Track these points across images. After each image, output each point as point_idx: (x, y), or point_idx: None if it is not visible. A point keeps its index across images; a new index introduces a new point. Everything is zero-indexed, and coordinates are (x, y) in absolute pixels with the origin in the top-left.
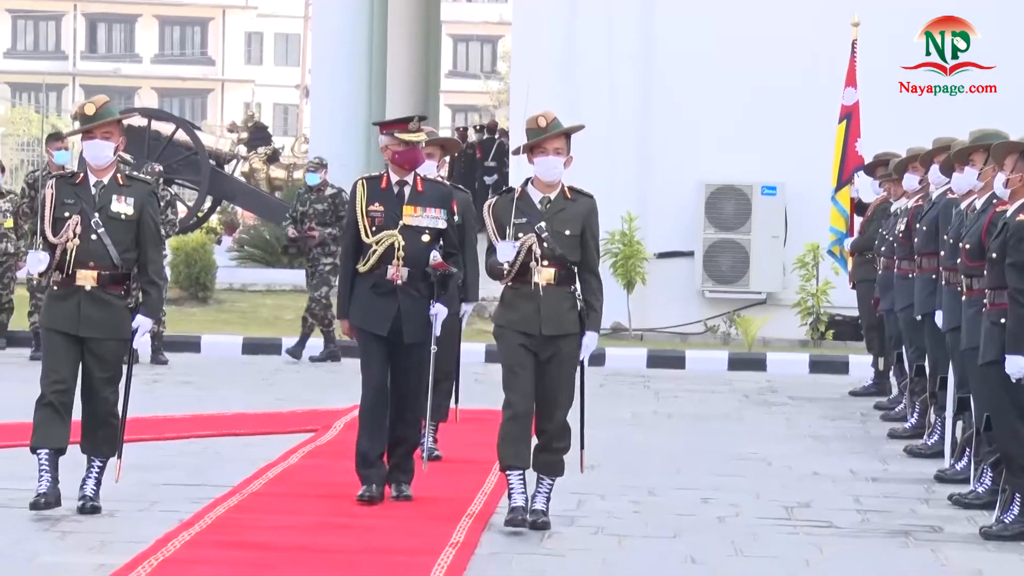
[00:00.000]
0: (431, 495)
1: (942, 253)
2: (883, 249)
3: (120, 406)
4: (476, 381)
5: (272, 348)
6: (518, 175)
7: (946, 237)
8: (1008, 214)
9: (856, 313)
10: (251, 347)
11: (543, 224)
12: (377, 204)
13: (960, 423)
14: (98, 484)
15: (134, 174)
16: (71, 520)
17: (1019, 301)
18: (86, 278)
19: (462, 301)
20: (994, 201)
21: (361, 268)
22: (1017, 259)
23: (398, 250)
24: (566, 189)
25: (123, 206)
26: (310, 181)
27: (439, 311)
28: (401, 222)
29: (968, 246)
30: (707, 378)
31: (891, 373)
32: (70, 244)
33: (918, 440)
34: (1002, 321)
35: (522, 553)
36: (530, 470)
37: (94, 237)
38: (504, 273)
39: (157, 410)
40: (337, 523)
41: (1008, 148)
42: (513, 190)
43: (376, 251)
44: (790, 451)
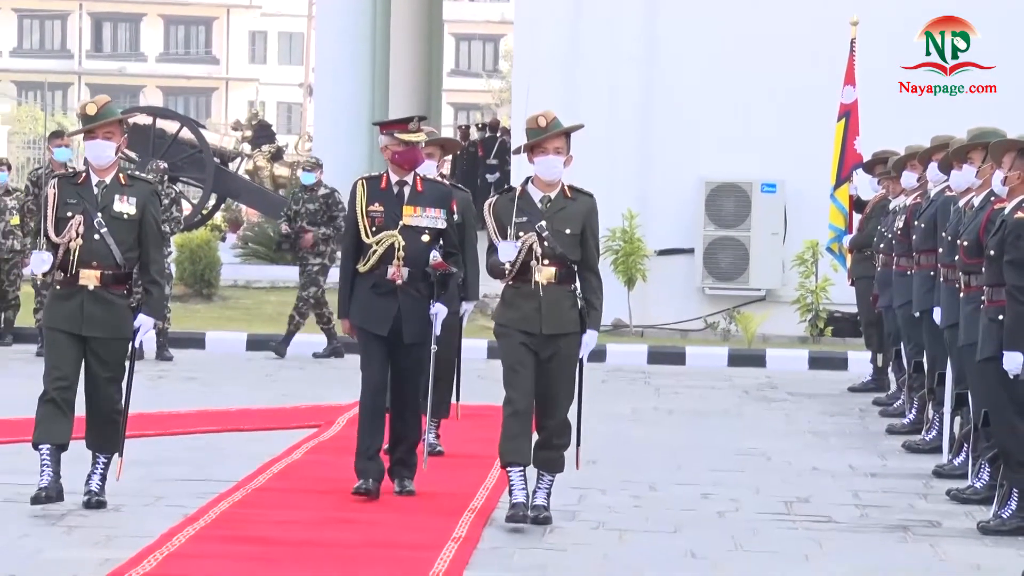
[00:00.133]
0: (433, 490)
1: (940, 250)
2: (882, 246)
3: (123, 404)
4: (479, 377)
5: None
6: (519, 173)
7: (944, 234)
8: (1006, 212)
9: (855, 310)
10: (255, 343)
11: (544, 223)
12: (377, 204)
13: (958, 419)
14: (103, 479)
15: (136, 173)
16: (77, 515)
17: (1017, 298)
18: (89, 278)
19: (462, 300)
20: (992, 199)
21: (361, 268)
22: (1015, 256)
23: (398, 250)
24: (566, 188)
25: (125, 206)
26: (305, 180)
27: (439, 311)
28: (401, 222)
29: (966, 243)
30: (707, 374)
31: (890, 369)
32: (73, 244)
33: (916, 436)
34: (1000, 318)
35: (524, 548)
36: (531, 467)
37: (97, 237)
38: (505, 272)
39: (162, 406)
40: (340, 518)
41: (1006, 146)
42: (513, 189)
43: (376, 251)
44: (789, 447)
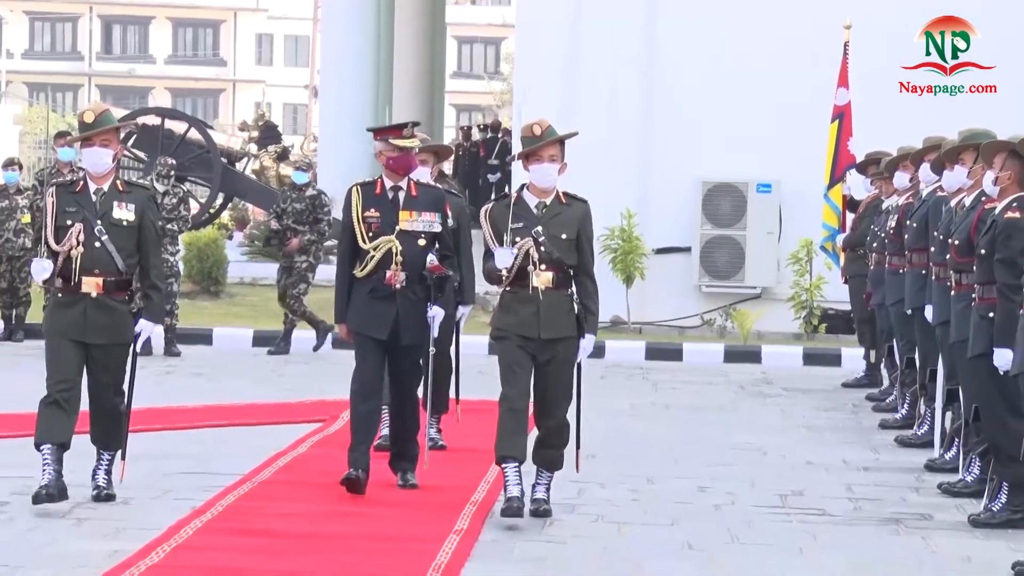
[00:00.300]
0: (435, 484)
1: (932, 249)
2: (875, 245)
3: (125, 406)
4: (479, 373)
5: None
6: (519, 177)
7: (936, 233)
8: (997, 211)
9: (848, 307)
10: (261, 340)
11: (540, 228)
12: (373, 210)
13: (949, 414)
14: (108, 474)
15: (133, 180)
16: (86, 507)
17: (1007, 296)
18: (91, 285)
19: (459, 304)
20: (983, 199)
21: (358, 273)
22: (1006, 255)
23: (396, 254)
24: (561, 194)
25: (124, 212)
26: (297, 179)
27: (436, 313)
28: (398, 227)
29: (957, 242)
30: (704, 370)
31: (882, 365)
32: (74, 252)
33: (908, 430)
34: (991, 315)
35: (524, 540)
36: (530, 464)
37: (98, 244)
38: (502, 278)
39: (170, 401)
40: (344, 511)
41: (997, 147)
42: (509, 196)
43: (374, 256)
44: (784, 441)
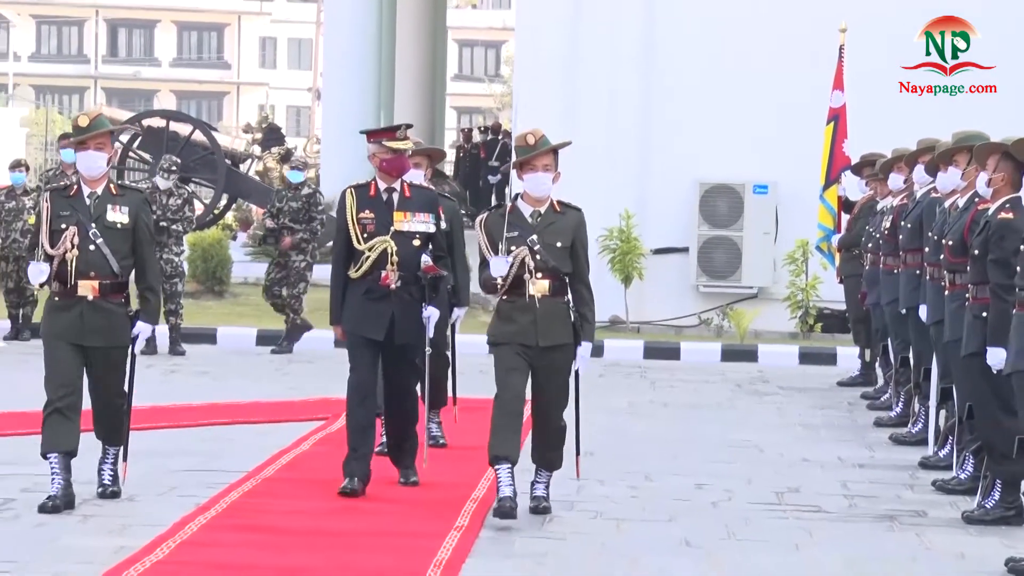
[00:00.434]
0: (436, 481)
1: (926, 249)
2: (869, 245)
3: (126, 406)
4: (479, 371)
5: None
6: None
7: (930, 234)
8: (990, 212)
9: (844, 307)
10: (265, 339)
11: (535, 237)
12: (367, 211)
13: (943, 412)
14: (114, 470)
15: (126, 183)
16: (92, 504)
17: (1000, 296)
18: (87, 288)
19: (453, 306)
20: (976, 200)
21: (353, 274)
22: (999, 255)
23: (391, 255)
24: (555, 203)
25: (118, 215)
26: (293, 178)
27: (431, 314)
28: (392, 228)
29: (951, 243)
30: (701, 369)
31: (877, 364)
32: (70, 255)
33: (903, 428)
34: (984, 315)
35: (524, 536)
36: (530, 464)
37: (93, 247)
38: (498, 287)
39: (174, 399)
40: (347, 507)
41: (990, 149)
42: (503, 205)
43: (369, 257)
44: (781, 439)
